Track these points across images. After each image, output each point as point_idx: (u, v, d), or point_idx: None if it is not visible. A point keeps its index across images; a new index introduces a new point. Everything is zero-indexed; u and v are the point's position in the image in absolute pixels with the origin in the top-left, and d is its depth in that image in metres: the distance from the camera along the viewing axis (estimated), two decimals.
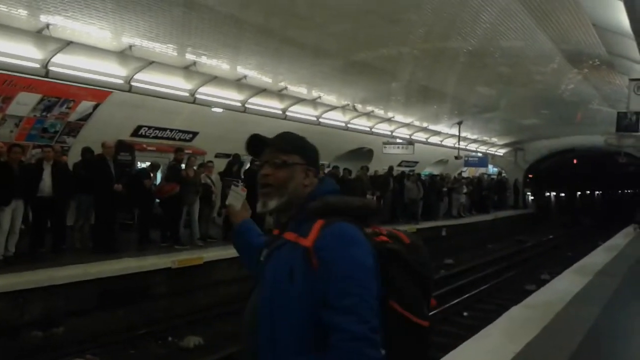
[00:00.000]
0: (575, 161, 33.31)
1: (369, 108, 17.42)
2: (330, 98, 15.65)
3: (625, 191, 53.72)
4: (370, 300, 1.53)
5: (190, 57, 11.08)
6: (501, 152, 30.14)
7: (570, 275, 9.88)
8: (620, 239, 16.72)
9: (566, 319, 6.47)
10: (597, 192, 54.14)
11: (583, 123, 21.94)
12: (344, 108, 16.53)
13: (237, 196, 1.99)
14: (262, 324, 1.64)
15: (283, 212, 1.79)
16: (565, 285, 8.83)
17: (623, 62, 10.08)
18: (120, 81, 10.68)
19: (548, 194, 37.94)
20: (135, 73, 10.66)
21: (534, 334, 5.64)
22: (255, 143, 1.90)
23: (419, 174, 20.91)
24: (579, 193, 48.79)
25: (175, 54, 10.85)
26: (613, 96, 15.21)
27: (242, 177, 12.52)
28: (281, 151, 1.81)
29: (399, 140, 20.87)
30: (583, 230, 28.48)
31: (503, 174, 30.98)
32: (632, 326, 6.48)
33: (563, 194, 43.04)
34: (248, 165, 13.33)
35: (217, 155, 14.48)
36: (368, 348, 1.48)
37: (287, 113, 14.93)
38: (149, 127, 13.11)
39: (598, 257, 12.47)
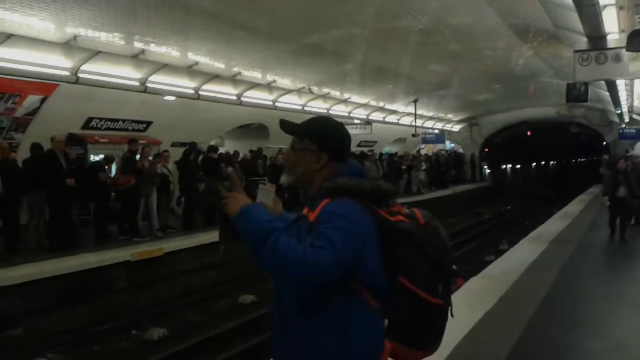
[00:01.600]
0: (529, 133, 34.17)
1: (325, 90, 17.39)
2: (285, 82, 15.54)
3: (579, 160, 55.49)
4: (341, 242, 1.62)
5: (138, 45, 10.80)
6: (457, 128, 30.62)
7: (527, 244, 10.19)
8: (574, 207, 17.31)
9: (523, 287, 6.68)
10: (552, 162, 55.76)
11: (535, 96, 22.42)
12: (299, 91, 16.45)
13: (266, 193, 2.02)
14: (274, 287, 1.85)
15: (303, 190, 1.96)
16: (522, 254, 9.11)
17: (568, 34, 10.30)
18: (67, 73, 10.33)
19: (504, 166, 38.81)
20: (82, 64, 10.33)
21: (492, 303, 5.81)
22: (286, 125, 2.02)
23: (380, 154, 21.06)
24: (534, 164, 50.11)
25: (123, 42, 10.55)
26: (563, 69, 15.55)
27: (201, 165, 12.42)
28: (296, 136, 1.97)
29: (356, 121, 20.95)
30: (539, 200, 29.31)
31: (459, 149, 31.52)
32: (586, 290, 6.74)
33: (519, 166, 44.12)
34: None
35: (174, 144, 14.26)
36: (301, 262, 1.57)
37: (242, 98, 14.78)
38: (100, 119, 12.74)
39: (553, 225, 12.89)
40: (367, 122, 21.33)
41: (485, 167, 32.80)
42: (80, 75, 10.47)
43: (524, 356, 4.32)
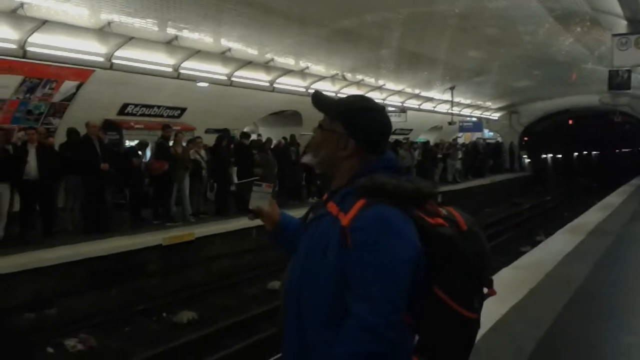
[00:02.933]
0: (570, 122, 33.20)
1: (359, 77, 17.24)
2: (318, 68, 15.47)
3: (622, 150, 53.73)
4: (393, 294, 1.46)
5: (171, 31, 10.89)
6: (496, 115, 29.97)
7: (563, 235, 9.90)
8: (615, 198, 16.75)
9: (555, 280, 6.47)
10: (594, 152, 54.16)
11: (577, 83, 21.76)
12: (333, 78, 16.37)
13: (262, 196, 1.83)
14: (290, 292, 1.64)
15: (325, 176, 1.75)
16: (558, 245, 8.85)
17: (608, 17, 9.90)
18: (101, 59, 10.51)
19: (544, 156, 37.88)
20: (116, 50, 10.49)
21: (522, 295, 5.65)
22: (318, 100, 1.79)
23: (412, 142, 20.83)
24: (575, 154, 48.77)
25: (156, 28, 10.66)
26: (606, 55, 15.03)
27: (233, 151, 12.48)
28: (328, 115, 1.73)
29: (391, 109, 20.70)
30: (580, 191, 28.54)
31: (498, 138, 30.89)
32: (621, 284, 6.48)
33: (560, 156, 43.00)
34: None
35: (207, 131, 14.38)
36: (375, 343, 1.43)
37: (275, 85, 14.77)
38: (136, 105, 12.96)
39: (592, 216, 12.49)
40: (402, 110, 21.07)
41: (525, 156, 32.05)
42: (115, 61, 10.64)
43: (550, 350, 4.18)
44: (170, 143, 10.94)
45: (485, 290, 1.66)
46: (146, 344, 6.89)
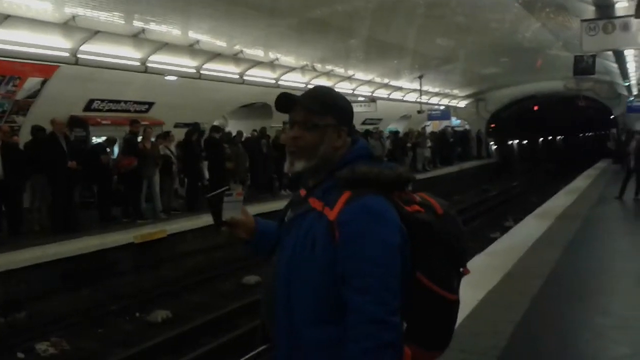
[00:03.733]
0: (536, 108, 33.79)
1: (329, 67, 17.18)
2: (288, 59, 15.35)
3: (586, 134, 54.98)
4: (390, 281, 1.47)
5: (138, 24, 10.65)
6: (463, 103, 30.29)
7: (532, 221, 10.10)
8: (581, 182, 17.16)
9: (527, 264, 6.60)
10: (559, 137, 55.29)
11: (543, 69, 22.11)
12: (303, 69, 16.27)
13: (234, 206, 1.73)
14: (279, 291, 1.61)
15: (311, 174, 1.68)
16: (528, 230, 9.03)
17: (576, 3, 10.04)
18: (66, 54, 10.22)
19: (511, 142, 38.51)
20: (81, 44, 10.21)
21: (496, 280, 5.74)
22: (285, 100, 1.70)
23: (381, 131, 20.92)
24: (541, 139, 49.71)
25: (122, 22, 10.41)
26: (571, 40, 15.27)
27: (203, 147, 12.33)
28: (313, 112, 1.65)
29: (360, 99, 20.74)
30: (546, 176, 29.11)
31: (465, 126, 31.24)
32: (592, 267, 6.64)
33: (526, 142, 43.77)
34: (207, 134, 13.12)
35: (177, 125, 14.18)
36: (384, 331, 1.44)
37: (245, 77, 14.62)
38: (102, 100, 12.66)
39: (560, 201, 12.78)
40: (372, 100, 21.13)
41: (492, 143, 32.53)
42: (80, 56, 10.36)
43: (527, 333, 4.26)
44: (139, 139, 10.73)
45: (461, 269, 1.70)
46: (120, 344, 6.76)
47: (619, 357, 3.89)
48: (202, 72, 13.19)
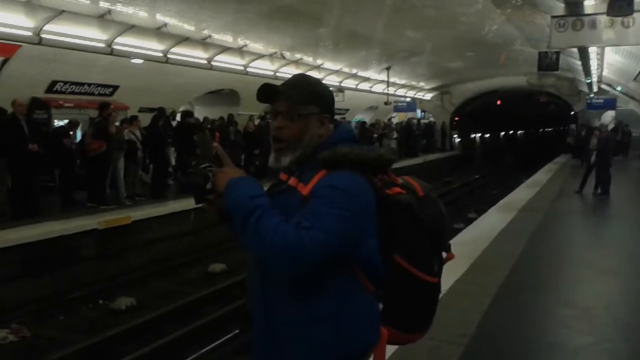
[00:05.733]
0: (499, 102, 34.43)
1: (297, 55, 17.12)
2: (257, 46, 15.22)
3: (546, 130, 56.37)
4: (335, 231, 1.45)
5: (104, 4, 10.39)
6: (428, 96, 30.64)
7: (495, 213, 10.29)
8: (542, 175, 17.56)
9: (492, 255, 6.73)
10: (520, 131, 56.52)
11: (506, 64, 22.51)
12: (272, 56, 16.16)
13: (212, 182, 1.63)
14: (255, 270, 1.63)
15: (295, 161, 1.67)
16: (491, 222, 9.19)
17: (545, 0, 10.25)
18: (29, 33, 9.90)
19: (473, 135, 39.18)
20: (45, 24, 9.91)
21: (462, 271, 5.84)
22: (266, 91, 1.68)
23: (349, 122, 20.97)
24: (503, 133, 50.71)
25: (88, 1, 10.14)
26: (535, 36, 15.58)
27: (173, 132, 12.15)
28: (297, 102, 1.64)
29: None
30: (508, 169, 29.73)
31: (430, 118, 31.62)
32: (555, 258, 6.82)
33: (488, 135, 44.59)
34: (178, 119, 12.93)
35: (141, 110, 13.89)
36: (283, 247, 1.41)
37: (213, 63, 14.44)
38: (65, 82, 12.30)
39: (522, 194, 13.04)
40: (340, 90, 21.15)
41: (455, 136, 33.02)
42: (44, 35, 10.07)
43: (494, 323, 4.35)
44: None
45: (444, 254, 1.74)
46: (83, 332, 6.66)
47: (584, 346, 4.02)
48: (169, 56, 12.97)
